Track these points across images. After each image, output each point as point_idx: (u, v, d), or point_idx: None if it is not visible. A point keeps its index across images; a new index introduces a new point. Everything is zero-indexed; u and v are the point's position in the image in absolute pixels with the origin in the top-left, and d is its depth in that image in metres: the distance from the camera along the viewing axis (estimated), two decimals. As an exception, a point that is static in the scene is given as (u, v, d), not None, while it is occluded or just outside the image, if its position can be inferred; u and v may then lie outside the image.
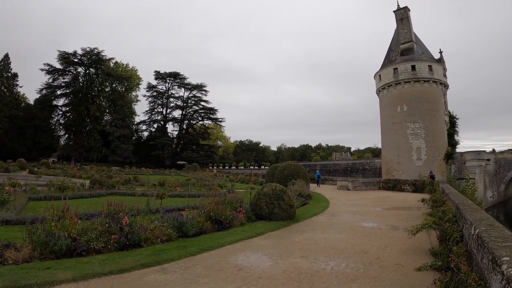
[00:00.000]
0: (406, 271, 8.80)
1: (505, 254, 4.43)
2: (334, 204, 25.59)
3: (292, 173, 32.46)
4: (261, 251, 10.83)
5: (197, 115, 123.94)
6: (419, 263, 9.16)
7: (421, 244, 11.54)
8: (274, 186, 17.56)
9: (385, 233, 14.01)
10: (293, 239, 12.77)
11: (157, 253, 9.96)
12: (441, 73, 49.04)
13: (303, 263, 9.41)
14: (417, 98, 46.81)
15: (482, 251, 5.64)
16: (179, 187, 34.99)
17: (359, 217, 18.79)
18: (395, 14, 52.04)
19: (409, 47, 50.39)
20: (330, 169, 73.49)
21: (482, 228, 6.49)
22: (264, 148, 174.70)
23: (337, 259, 9.94)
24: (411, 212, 20.98)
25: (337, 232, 14.29)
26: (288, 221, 16.52)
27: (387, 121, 49.96)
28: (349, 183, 41.62)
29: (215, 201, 14.79)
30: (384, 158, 51.18)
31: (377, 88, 53.11)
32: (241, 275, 8.33)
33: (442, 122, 48.02)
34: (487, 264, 5.05)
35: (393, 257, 10.15)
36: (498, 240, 5.36)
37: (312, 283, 7.85)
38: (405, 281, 8.04)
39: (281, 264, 9.32)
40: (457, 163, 45.62)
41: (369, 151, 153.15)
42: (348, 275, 8.45)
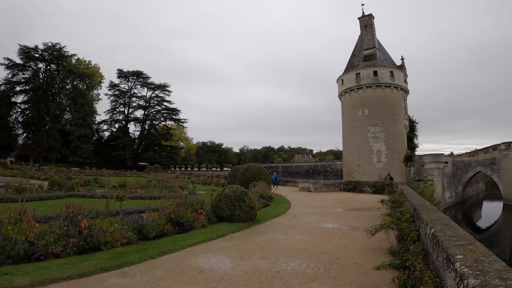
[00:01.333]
0: (365, 270, 8.97)
1: (459, 252, 4.60)
2: (295, 205, 25.81)
3: (254, 175, 32.57)
4: (222, 253, 10.78)
5: (159, 116, 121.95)
6: (378, 262, 9.36)
7: (380, 243, 11.78)
8: (235, 187, 17.53)
9: (346, 234, 14.23)
10: (254, 240, 12.79)
11: (117, 256, 9.75)
12: (402, 79, 50.49)
13: (264, 264, 9.45)
14: (378, 103, 47.94)
15: (437, 250, 5.82)
16: (140, 188, 34.45)
17: (320, 218, 19.01)
18: (360, 20, 53.24)
19: (372, 53, 51.52)
20: (292, 171, 74.17)
21: (437, 228, 6.70)
22: (226, 150, 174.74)
23: (298, 259, 10.02)
24: (371, 213, 21.40)
25: (298, 233, 14.40)
26: (250, 222, 16.52)
27: (349, 124, 50.92)
28: (311, 185, 42.09)
29: (176, 203, 14.60)
30: (345, 160, 52.09)
31: (339, 92, 54.04)
32: (202, 278, 8.27)
33: (402, 126, 49.35)
34: (442, 262, 5.21)
35: (353, 257, 10.32)
36: (452, 239, 5.56)
37: (273, 283, 7.89)
38: (364, 279, 8.19)
39: (242, 266, 9.31)
40: (416, 165, 47.02)
41: (331, 154, 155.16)
42: (309, 275, 8.53)
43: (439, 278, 5.47)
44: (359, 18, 53.26)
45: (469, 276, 3.58)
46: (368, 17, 52.30)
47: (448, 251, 4.79)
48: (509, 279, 3.45)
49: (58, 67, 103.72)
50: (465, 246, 4.99)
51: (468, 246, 4.99)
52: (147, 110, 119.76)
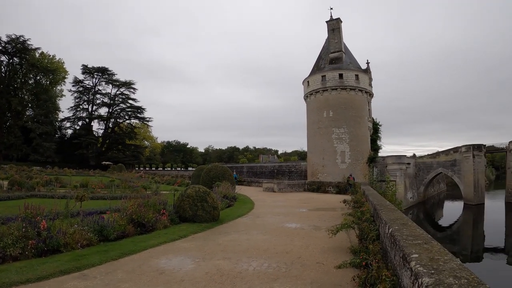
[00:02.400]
0: (326, 269, 9.06)
1: (415, 251, 4.65)
2: (259, 205, 25.90)
3: (218, 175, 32.37)
4: (184, 254, 10.68)
5: (124, 114, 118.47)
6: (340, 261, 9.47)
7: (341, 243, 11.92)
8: (198, 188, 17.36)
9: (308, 233, 14.34)
10: (217, 241, 12.72)
11: (77, 258, 9.49)
12: (367, 82, 51.37)
13: (226, 265, 9.41)
14: (343, 105, 48.55)
15: (394, 249, 5.88)
16: (102, 188, 33.79)
17: (283, 218, 19.11)
18: (328, 24, 53.97)
19: (338, 56, 52.16)
20: (257, 171, 74.18)
21: (395, 227, 6.78)
22: (191, 149, 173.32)
23: (259, 259, 10.03)
24: (334, 213, 21.61)
25: (261, 233, 14.43)
26: (212, 223, 16.43)
27: (314, 126, 51.33)
28: (275, 185, 42.22)
29: (138, 203, 14.37)
30: (310, 161, 52.48)
31: (305, 93, 54.41)
32: (163, 279, 8.17)
33: (366, 128, 50.15)
34: (399, 261, 5.26)
35: (315, 256, 10.41)
36: (409, 238, 5.63)
37: (234, 284, 7.87)
38: (325, 278, 8.27)
39: (203, 266, 9.25)
40: (379, 166, 47.90)
41: (296, 154, 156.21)
42: (270, 275, 8.54)
43: (396, 277, 5.52)
44: (327, 22, 54.01)
45: (424, 275, 3.61)
46: (335, 21, 53.07)
47: (404, 250, 4.85)
48: (463, 277, 3.49)
49: (21, 60, 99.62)
50: (421, 245, 5.06)
51: (424, 245, 5.06)
52: (112, 108, 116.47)
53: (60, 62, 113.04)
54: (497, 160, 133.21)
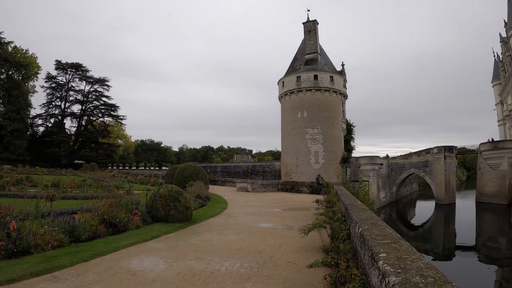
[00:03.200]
0: (298, 268, 9.10)
1: (383, 250, 4.71)
2: (232, 205, 25.88)
3: (191, 175, 32.15)
4: (156, 254, 10.57)
5: (97, 111, 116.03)
6: (311, 260, 9.52)
7: (314, 242, 11.99)
8: (170, 187, 17.19)
9: (281, 233, 14.39)
10: (189, 241, 12.65)
11: (48, 260, 9.24)
12: (342, 84, 51.90)
13: (198, 265, 9.36)
14: (317, 106, 48.87)
15: (364, 248, 5.93)
16: (74, 188, 33.10)
17: (256, 218, 19.14)
18: (304, 25, 54.23)
19: (313, 58, 52.50)
20: (231, 171, 74.09)
21: (365, 227, 6.86)
22: (165, 149, 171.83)
23: (232, 259, 10.00)
24: (307, 213, 21.65)
25: (234, 233, 14.40)
26: (185, 223, 16.33)
27: (288, 126, 51.54)
28: (249, 185, 42.26)
29: (110, 203, 14.16)
30: (284, 161, 52.65)
31: (279, 94, 54.55)
32: (134, 280, 8.05)
33: (340, 129, 50.60)
34: (368, 260, 5.31)
35: (287, 256, 10.44)
36: (378, 238, 5.70)
37: (206, 284, 7.83)
38: (297, 278, 8.30)
39: (175, 267, 9.17)
40: (352, 166, 48.45)
41: (270, 154, 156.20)
42: (242, 274, 8.53)
43: (365, 276, 5.57)
44: (304, 23, 54.32)
45: (391, 274, 3.65)
46: (312, 23, 53.44)
47: (373, 249, 4.89)
48: (429, 276, 3.54)
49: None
50: (389, 245, 5.11)
51: (392, 245, 5.12)
52: (85, 105, 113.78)
53: (33, 57, 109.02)
54: (468, 161, 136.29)
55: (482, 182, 54.69)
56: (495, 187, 52.04)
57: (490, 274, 24.24)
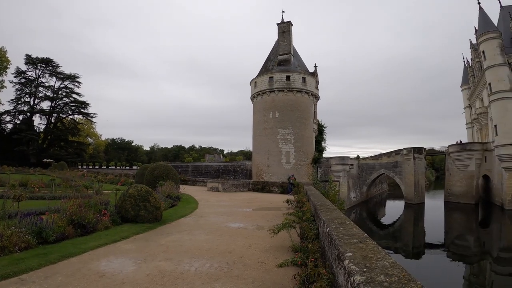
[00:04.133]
0: (268, 268, 9.13)
1: (349, 250, 4.77)
2: (203, 205, 25.73)
3: (162, 174, 31.82)
4: (125, 256, 10.43)
5: (67, 108, 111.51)
6: (281, 260, 9.58)
7: (283, 242, 12.03)
8: (140, 187, 16.97)
9: (251, 233, 14.41)
10: (159, 241, 12.53)
11: (15, 262, 8.98)
12: (314, 85, 52.39)
13: (168, 266, 9.30)
14: (289, 106, 49.23)
15: (331, 248, 5.99)
16: (43, 188, 32.25)
17: (227, 218, 19.08)
18: (278, 26, 54.71)
19: (286, 59, 52.85)
20: (202, 170, 73.72)
21: (332, 227, 6.92)
22: (136, 148, 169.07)
23: (201, 260, 9.97)
24: (277, 212, 21.70)
25: (204, 233, 14.34)
26: (155, 223, 16.13)
27: (259, 126, 51.75)
28: (220, 185, 42.11)
29: (78, 204, 13.81)
30: (255, 161, 52.91)
31: (252, 94, 54.75)
32: (103, 282, 7.92)
33: (311, 130, 51.01)
34: (335, 260, 5.36)
35: (257, 256, 10.47)
36: (345, 237, 5.76)
37: (175, 285, 7.78)
38: (267, 277, 8.33)
39: (145, 268, 9.08)
40: (323, 167, 48.99)
41: (242, 154, 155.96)
42: (212, 275, 8.51)
43: (333, 275, 5.62)
44: (278, 24, 54.85)
45: (356, 273, 3.68)
46: (286, 24, 53.96)
47: (339, 249, 4.95)
48: (394, 275, 3.58)
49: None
50: (356, 244, 5.17)
51: (359, 244, 5.18)
52: (55, 102, 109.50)
53: (3, 51, 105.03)
54: (437, 162, 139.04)
55: (451, 183, 56.29)
56: (463, 187, 53.60)
57: (459, 270, 25.06)
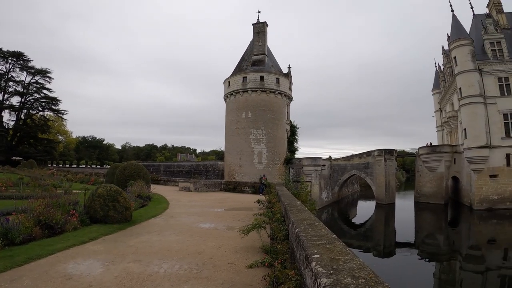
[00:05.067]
0: (238, 269, 9.12)
1: (317, 251, 4.74)
2: (174, 205, 25.53)
3: (133, 173, 31.34)
4: (93, 257, 10.23)
5: (37, 105, 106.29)
6: (251, 261, 9.58)
7: (254, 242, 12.05)
8: (109, 187, 16.67)
9: (221, 233, 14.38)
10: (128, 242, 12.36)
11: None
12: (287, 86, 52.75)
13: (136, 268, 9.18)
14: (262, 107, 49.38)
15: (299, 249, 5.99)
16: (10, 187, 31.43)
17: (198, 218, 18.99)
18: (254, 27, 54.85)
19: (261, 59, 53.04)
20: (174, 170, 73.25)
21: (301, 228, 6.91)
22: (108, 146, 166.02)
23: (171, 261, 9.88)
24: (248, 213, 21.66)
25: (174, 233, 14.23)
26: (125, 223, 15.89)
27: (232, 126, 51.77)
28: (191, 185, 41.91)
29: (46, 204, 13.51)
30: (227, 161, 52.90)
31: (225, 93, 54.70)
32: (70, 285, 7.75)
33: (284, 130, 51.27)
34: (303, 261, 5.36)
35: (227, 257, 10.45)
36: (313, 238, 5.75)
37: (144, 287, 7.71)
38: (236, 278, 8.32)
39: (113, 270, 8.93)
40: (295, 167, 49.36)
41: (214, 154, 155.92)
42: (181, 276, 8.45)
43: (301, 277, 5.61)
44: (253, 24, 54.99)
45: (322, 275, 3.65)
46: (262, 25, 54.19)
47: (307, 250, 4.92)
48: (361, 277, 3.56)
49: None
50: (324, 245, 5.16)
51: (327, 245, 5.16)
52: (25, 98, 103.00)
53: None
54: (407, 163, 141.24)
55: (421, 183, 57.57)
56: (432, 188, 54.88)
57: (429, 269, 25.79)
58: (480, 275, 24.02)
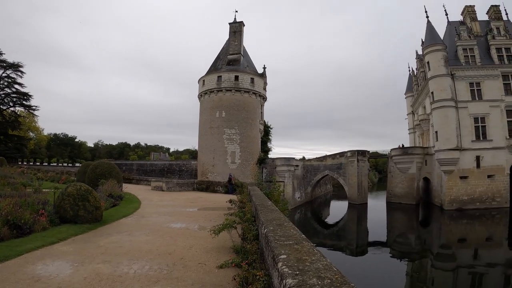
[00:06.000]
0: (208, 269, 9.09)
1: (284, 252, 4.77)
2: (145, 205, 25.25)
3: (104, 172, 30.81)
4: (63, 258, 10.02)
5: (8, 100, 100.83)
6: (222, 261, 9.56)
7: (225, 242, 12.03)
8: (79, 186, 16.32)
9: (192, 233, 14.31)
10: (98, 243, 12.16)
11: None
12: (262, 86, 53.09)
13: (106, 269, 9.04)
14: (236, 106, 49.54)
15: (268, 249, 6.04)
16: (-21, 186, 31.09)
17: (169, 218, 18.85)
18: (230, 26, 55.11)
19: (236, 59, 53.23)
20: (147, 169, 72.64)
21: (270, 228, 6.95)
22: (80, 144, 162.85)
23: (141, 261, 9.79)
24: (220, 212, 21.50)
25: (145, 234, 14.08)
26: (95, 223, 15.59)
27: (206, 125, 51.79)
28: (164, 184, 41.61)
29: (14, 203, 13.23)
30: (200, 160, 52.86)
31: (199, 92, 54.71)
32: (38, 287, 7.59)
33: (257, 130, 51.50)
34: (271, 261, 5.39)
35: (197, 257, 10.40)
36: (281, 239, 5.79)
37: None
38: (207, 279, 8.29)
39: (82, 271, 8.75)
40: (269, 167, 49.63)
41: (188, 153, 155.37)
42: (151, 277, 8.38)
43: (269, 277, 5.63)
44: (230, 24, 55.27)
45: (288, 276, 3.67)
46: (238, 24, 54.41)
47: (274, 251, 4.96)
48: (327, 277, 3.58)
49: None
50: (291, 246, 5.20)
51: (295, 246, 5.20)
52: None
53: None
54: (380, 165, 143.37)
55: (392, 184, 59.21)
56: (404, 189, 56.43)
57: (402, 267, 26.57)
58: (451, 273, 24.87)
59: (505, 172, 49.42)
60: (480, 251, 30.39)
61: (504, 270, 25.14)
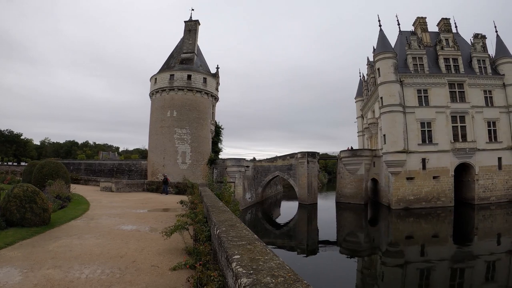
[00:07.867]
0: (161, 271, 9.08)
1: (237, 252, 4.92)
2: (94, 206, 24.52)
3: (51, 172, 29.77)
4: (11, 264, 9.63)
5: None
6: (175, 263, 9.56)
7: (177, 244, 12.02)
8: (26, 186, 15.60)
9: (144, 235, 14.17)
10: (47, 247, 11.76)
11: None
12: (214, 86, 53.24)
13: (56, 274, 8.80)
14: (187, 106, 49.35)
15: (221, 250, 6.15)
16: None
17: (119, 220, 18.51)
18: (185, 24, 54.77)
19: (189, 58, 52.95)
20: (96, 169, 70.85)
21: (222, 229, 7.09)
22: (26, 141, 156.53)
23: (92, 265, 9.62)
24: (172, 214, 21.52)
25: (95, 236, 13.78)
26: (43, 226, 15.01)
27: (156, 124, 51.26)
28: (113, 185, 40.78)
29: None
30: (150, 160, 52.26)
31: (151, 90, 54.12)
32: (-15, 297, 7.35)
33: (208, 130, 51.52)
34: (225, 262, 5.51)
35: (150, 259, 10.36)
36: (234, 239, 5.95)
37: (65, 294, 7.42)
38: (160, 281, 8.29)
39: (32, 278, 8.47)
40: (219, 168, 49.86)
41: (138, 152, 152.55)
42: (103, 282, 8.27)
43: (223, 277, 5.73)
44: (186, 22, 54.94)
45: (243, 276, 3.79)
46: (194, 23, 54.22)
47: (228, 251, 5.09)
48: (280, 276, 3.74)
49: None
50: (244, 246, 5.34)
51: (247, 246, 5.35)
52: None
53: None
54: (329, 166, 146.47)
55: (342, 185, 60.83)
56: (353, 189, 58.18)
57: (352, 264, 27.70)
58: (400, 269, 26.06)
59: (450, 173, 52.66)
60: (427, 247, 32.04)
61: (450, 264, 26.61)
